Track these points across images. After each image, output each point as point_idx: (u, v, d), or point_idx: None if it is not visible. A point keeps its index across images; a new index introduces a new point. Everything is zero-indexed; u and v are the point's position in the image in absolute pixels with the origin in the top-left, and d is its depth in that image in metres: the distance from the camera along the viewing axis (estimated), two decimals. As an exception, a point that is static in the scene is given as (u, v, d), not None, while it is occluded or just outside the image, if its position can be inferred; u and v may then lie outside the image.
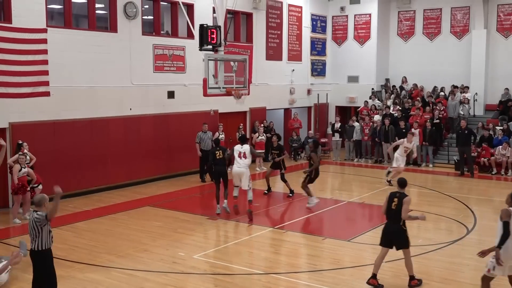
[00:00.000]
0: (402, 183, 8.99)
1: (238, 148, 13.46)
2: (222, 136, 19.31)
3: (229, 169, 14.03)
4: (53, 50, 14.85)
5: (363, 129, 22.50)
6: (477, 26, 23.77)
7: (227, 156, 13.80)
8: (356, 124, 22.82)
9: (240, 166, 13.22)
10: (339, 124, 23.46)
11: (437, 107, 22.38)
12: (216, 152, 13.75)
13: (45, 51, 14.71)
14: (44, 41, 14.68)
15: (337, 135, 23.24)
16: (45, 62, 14.72)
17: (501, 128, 20.77)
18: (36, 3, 14.59)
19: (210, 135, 18.03)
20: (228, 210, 13.52)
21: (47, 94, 14.81)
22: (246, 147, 13.48)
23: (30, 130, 14.44)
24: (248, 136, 21.38)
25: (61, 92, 15.15)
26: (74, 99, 15.59)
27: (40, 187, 13.33)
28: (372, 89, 25.38)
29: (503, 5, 23.47)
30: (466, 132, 19.52)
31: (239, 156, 13.26)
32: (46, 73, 14.75)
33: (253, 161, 21.25)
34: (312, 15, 25.71)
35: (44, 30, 14.72)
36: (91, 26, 16.35)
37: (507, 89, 22.93)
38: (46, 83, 14.78)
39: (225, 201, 13.55)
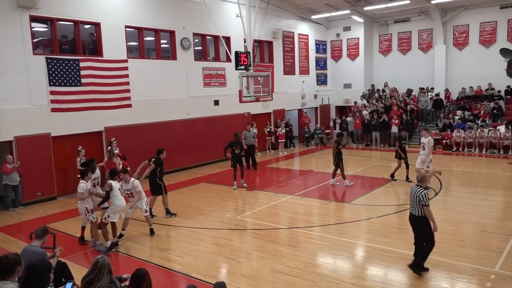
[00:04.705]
0: None
1: (116, 184, 8.74)
2: (255, 130, 19.31)
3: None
4: (133, 75, 15.09)
5: (354, 122, 22.47)
6: (438, 43, 23.23)
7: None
8: (348, 118, 22.74)
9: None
10: (339, 120, 23.49)
11: (410, 103, 22.10)
12: (234, 148, 13.67)
13: (127, 76, 14.96)
14: (126, 68, 14.93)
15: (337, 128, 23.25)
16: (127, 83, 14.98)
17: (459, 117, 20.38)
18: (119, 41, 14.81)
19: (253, 133, 17.42)
20: (245, 185, 13.68)
21: (129, 106, 15.09)
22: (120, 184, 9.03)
23: (118, 132, 14.73)
24: (272, 130, 21.34)
25: (139, 104, 15.39)
26: (148, 109, 15.80)
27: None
28: (363, 92, 25.09)
29: (457, 26, 22.85)
30: None
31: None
32: (128, 91, 15.02)
33: (276, 148, 21.32)
34: (316, 40, 25.43)
35: (125, 61, 14.95)
36: (158, 56, 16.51)
37: (464, 88, 22.48)
38: (128, 98, 15.06)
39: (242, 180, 13.71)
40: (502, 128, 18.55)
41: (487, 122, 19.85)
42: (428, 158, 12.48)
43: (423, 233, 6.79)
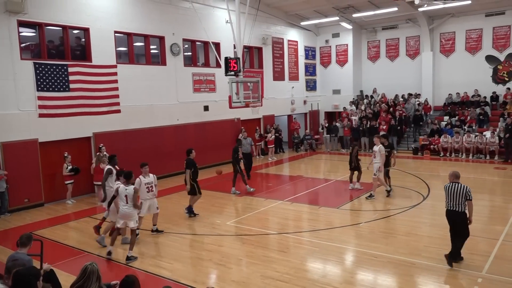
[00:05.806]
0: None
1: (123, 190, 8.40)
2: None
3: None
4: (122, 80, 15.02)
5: (344, 128, 22.48)
6: (425, 49, 23.54)
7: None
8: (338, 124, 22.77)
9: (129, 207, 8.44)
10: (327, 124, 23.47)
11: (397, 109, 22.26)
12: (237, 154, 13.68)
13: (116, 81, 14.89)
14: (115, 73, 14.86)
15: (325, 133, 23.31)
16: (116, 88, 14.90)
17: (446, 122, 20.64)
18: (108, 46, 14.75)
19: (250, 140, 16.64)
20: (238, 192, 13.59)
21: (118, 111, 15.01)
22: (130, 190, 8.40)
23: (107, 137, 14.63)
24: (263, 134, 21.37)
25: (128, 109, 15.32)
26: (137, 114, 15.73)
27: None
28: (353, 98, 25.29)
29: (443, 33, 23.21)
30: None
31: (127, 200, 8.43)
32: (117, 96, 14.94)
33: (266, 153, 21.35)
34: (305, 46, 25.60)
35: (114, 66, 14.89)
36: (148, 62, 16.47)
37: (450, 94, 22.78)
38: (117, 104, 14.98)
39: (233, 187, 13.67)
40: (488, 134, 18.85)
41: (474, 127, 20.14)
42: (380, 165, 12.27)
43: (464, 227, 7.30)
